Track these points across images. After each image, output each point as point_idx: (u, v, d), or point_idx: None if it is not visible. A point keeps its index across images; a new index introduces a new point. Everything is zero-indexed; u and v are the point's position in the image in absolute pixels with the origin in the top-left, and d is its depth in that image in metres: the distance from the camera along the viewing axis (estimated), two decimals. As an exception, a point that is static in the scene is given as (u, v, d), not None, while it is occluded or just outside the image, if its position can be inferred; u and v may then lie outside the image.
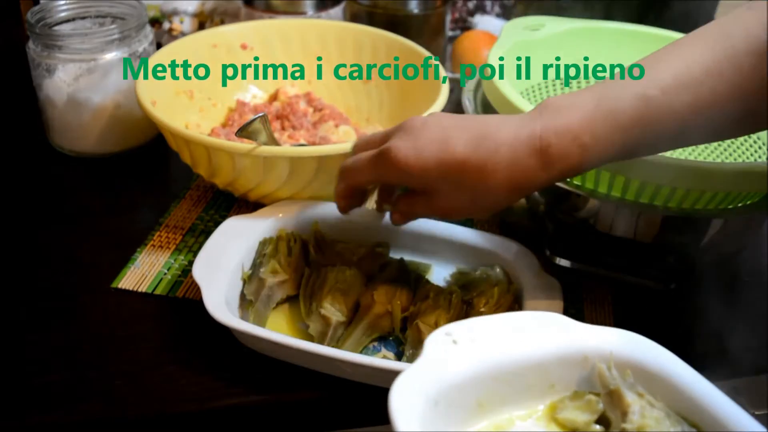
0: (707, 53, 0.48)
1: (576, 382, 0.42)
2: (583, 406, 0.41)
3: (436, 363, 0.38)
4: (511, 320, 0.42)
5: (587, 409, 0.41)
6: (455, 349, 0.39)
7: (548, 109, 0.50)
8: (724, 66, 0.47)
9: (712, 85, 0.47)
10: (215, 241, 0.61)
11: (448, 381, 0.38)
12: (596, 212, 0.61)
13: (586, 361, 0.42)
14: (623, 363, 0.42)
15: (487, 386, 0.40)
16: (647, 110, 0.48)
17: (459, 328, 0.40)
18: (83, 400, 0.53)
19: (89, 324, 0.59)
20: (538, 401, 0.41)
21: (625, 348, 0.42)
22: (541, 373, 0.41)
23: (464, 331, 0.40)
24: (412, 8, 0.96)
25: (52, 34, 0.76)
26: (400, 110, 0.80)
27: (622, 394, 0.41)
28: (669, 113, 0.48)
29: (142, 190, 0.77)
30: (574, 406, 0.42)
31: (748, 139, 0.73)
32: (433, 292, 0.59)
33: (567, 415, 0.41)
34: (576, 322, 0.43)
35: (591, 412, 0.41)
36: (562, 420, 0.41)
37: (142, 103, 0.68)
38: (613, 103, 0.49)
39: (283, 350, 0.54)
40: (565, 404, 0.42)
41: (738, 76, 0.47)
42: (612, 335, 0.43)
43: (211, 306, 0.54)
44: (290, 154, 0.62)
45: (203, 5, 1.02)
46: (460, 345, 0.40)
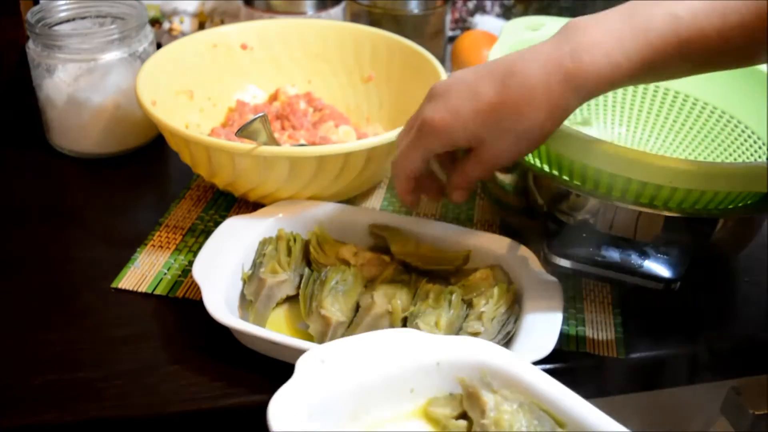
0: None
1: (434, 386, 0.47)
2: (449, 403, 0.47)
3: (307, 381, 0.43)
4: (373, 338, 0.47)
5: (450, 406, 0.47)
6: (324, 367, 0.44)
7: (575, 29, 0.50)
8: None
9: (739, 10, 0.47)
10: (215, 241, 0.61)
11: (318, 396, 0.43)
12: (596, 212, 0.61)
13: (438, 366, 0.47)
14: (474, 366, 0.47)
15: (354, 397, 0.45)
16: (677, 30, 0.48)
17: (326, 349, 0.45)
18: (83, 400, 0.53)
19: (89, 324, 0.59)
20: (402, 405, 0.47)
21: (471, 352, 0.47)
22: (401, 382, 0.46)
23: (331, 351, 0.45)
24: (412, 8, 0.96)
25: (52, 34, 0.76)
26: (400, 110, 0.80)
27: (479, 395, 0.45)
28: (699, 36, 0.48)
29: (142, 190, 0.77)
30: (443, 403, 0.47)
31: (748, 139, 0.73)
32: (433, 292, 0.59)
33: (434, 410, 0.46)
34: (429, 334, 0.48)
35: (452, 408, 0.46)
36: (431, 415, 0.47)
37: (142, 103, 0.68)
38: (644, 21, 0.48)
39: (283, 350, 0.54)
40: (438, 402, 0.47)
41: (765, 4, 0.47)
42: (458, 342, 0.48)
43: (211, 306, 0.54)
44: (290, 154, 0.62)
45: (203, 5, 1.02)
46: (328, 364, 0.44)
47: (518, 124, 0.51)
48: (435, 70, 0.75)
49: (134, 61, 0.78)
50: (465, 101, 0.52)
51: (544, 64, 0.50)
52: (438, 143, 0.54)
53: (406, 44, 0.80)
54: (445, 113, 0.52)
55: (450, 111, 0.52)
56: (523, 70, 0.50)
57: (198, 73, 0.80)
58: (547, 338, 0.54)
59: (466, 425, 0.46)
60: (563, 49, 0.49)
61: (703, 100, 0.76)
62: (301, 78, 0.85)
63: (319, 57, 0.85)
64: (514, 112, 0.51)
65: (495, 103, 0.51)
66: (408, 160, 0.56)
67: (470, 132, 0.52)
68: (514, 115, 0.51)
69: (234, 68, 0.83)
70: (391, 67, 0.82)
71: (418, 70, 0.78)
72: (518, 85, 0.50)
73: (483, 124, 0.52)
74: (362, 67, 0.84)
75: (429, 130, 0.53)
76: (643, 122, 0.80)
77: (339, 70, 0.85)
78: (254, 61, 0.84)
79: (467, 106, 0.52)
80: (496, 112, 0.51)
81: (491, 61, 0.54)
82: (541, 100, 0.50)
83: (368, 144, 0.63)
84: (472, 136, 0.53)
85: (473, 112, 0.51)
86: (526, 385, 0.46)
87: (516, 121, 0.51)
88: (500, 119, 0.51)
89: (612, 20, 0.49)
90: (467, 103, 0.52)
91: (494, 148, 0.53)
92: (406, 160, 0.56)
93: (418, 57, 0.79)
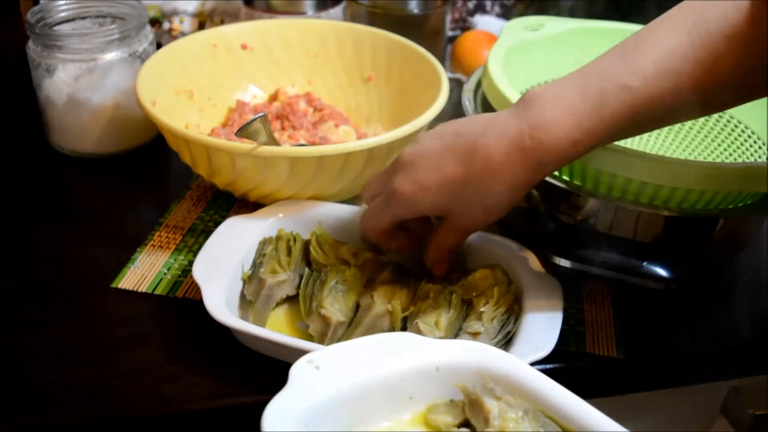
0: (684, 38, 0.48)
1: (433, 392, 0.46)
2: (450, 411, 0.45)
3: (301, 390, 0.42)
4: (369, 343, 0.46)
5: (451, 414, 0.45)
6: (318, 374, 0.43)
7: (533, 104, 0.51)
8: (701, 53, 0.48)
9: (691, 71, 0.48)
10: (215, 241, 0.61)
11: (313, 405, 0.42)
12: (596, 212, 0.61)
13: (438, 372, 0.45)
14: (475, 370, 0.46)
15: (351, 405, 0.43)
16: (632, 101, 0.49)
17: (320, 355, 0.44)
18: (83, 400, 0.53)
19: (89, 324, 0.59)
20: (401, 413, 0.45)
21: (472, 356, 0.46)
22: (399, 388, 0.45)
23: (326, 357, 0.44)
24: (412, 8, 0.96)
25: (52, 34, 0.76)
26: (400, 110, 0.80)
27: (482, 402, 0.44)
28: (652, 101, 0.49)
29: (142, 190, 0.77)
30: (443, 410, 0.45)
31: (748, 139, 0.73)
32: (433, 292, 0.59)
33: (434, 418, 0.45)
34: (427, 338, 0.47)
35: (454, 416, 0.45)
36: (431, 422, 0.45)
37: (142, 103, 0.68)
38: (598, 97, 0.49)
39: (283, 350, 0.54)
40: (439, 409, 0.46)
41: (715, 61, 0.48)
42: (458, 347, 0.47)
43: (211, 306, 0.54)
44: (290, 154, 0.62)
45: (203, 5, 1.02)
46: (322, 370, 0.43)
47: (485, 198, 0.53)
48: (435, 70, 0.75)
49: (134, 61, 0.78)
50: (431, 175, 0.53)
51: (506, 144, 0.51)
52: (407, 211, 0.55)
53: (406, 44, 0.80)
54: (413, 185, 0.54)
55: (417, 183, 0.53)
56: (485, 147, 0.51)
57: (198, 73, 0.80)
58: (547, 338, 0.54)
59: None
60: (522, 128, 0.50)
61: (703, 100, 0.76)
62: (301, 78, 0.85)
63: (319, 57, 0.85)
64: (480, 187, 0.52)
65: (459, 178, 0.52)
66: (377, 220, 0.58)
67: (438, 204, 0.54)
68: (480, 190, 0.52)
69: (234, 68, 0.83)
70: (391, 67, 0.82)
71: (418, 70, 0.78)
72: (481, 162, 0.51)
73: (450, 197, 0.53)
74: (362, 67, 0.84)
75: (398, 200, 0.55)
76: (643, 122, 0.80)
77: (339, 70, 0.85)
78: (254, 61, 0.84)
79: (433, 179, 0.53)
80: (461, 186, 0.52)
81: (457, 127, 0.55)
82: (503, 177, 0.51)
83: (368, 144, 0.63)
84: (439, 207, 0.55)
85: (439, 185, 0.53)
86: (529, 390, 0.45)
87: (482, 195, 0.53)
88: (466, 193, 0.53)
89: (568, 96, 0.50)
90: (433, 176, 0.53)
91: (464, 217, 0.55)
92: (376, 220, 0.58)
93: (418, 57, 0.79)
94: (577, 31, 0.77)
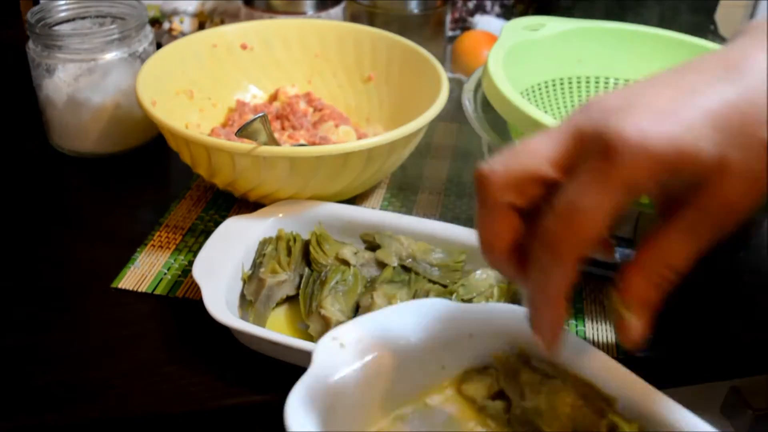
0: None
1: (467, 360, 0.42)
2: (484, 380, 0.42)
3: (326, 370, 0.39)
4: (394, 313, 0.42)
5: (485, 384, 0.42)
6: (343, 352, 0.39)
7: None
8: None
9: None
10: (215, 241, 0.61)
11: (339, 386, 0.39)
12: (596, 212, 0.61)
13: (471, 338, 0.42)
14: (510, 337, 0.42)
15: (379, 382, 0.40)
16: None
17: (344, 330, 0.40)
18: (83, 400, 0.53)
19: (89, 324, 0.59)
20: (433, 385, 0.42)
21: (509, 321, 0.42)
22: (430, 359, 0.41)
23: (350, 332, 0.40)
24: (412, 8, 0.96)
25: (52, 34, 0.76)
26: (400, 110, 0.80)
27: (518, 372, 0.41)
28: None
29: (142, 190, 0.77)
30: (477, 380, 0.42)
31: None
32: (433, 292, 0.59)
33: (468, 389, 0.42)
34: (459, 303, 0.43)
35: (488, 387, 0.42)
36: (464, 393, 0.42)
37: (142, 103, 0.68)
38: None
39: (283, 350, 0.54)
40: (472, 378, 0.42)
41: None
42: (494, 310, 0.43)
43: (211, 306, 0.54)
44: (290, 154, 0.62)
45: (203, 5, 1.02)
46: (348, 347, 0.39)
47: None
48: (435, 70, 0.75)
49: (134, 61, 0.78)
50: (684, 98, 0.32)
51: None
52: (649, 174, 0.32)
53: (406, 44, 0.80)
54: (657, 124, 0.31)
55: (664, 116, 0.32)
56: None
57: (198, 73, 0.80)
58: (547, 338, 0.54)
59: (503, 406, 0.41)
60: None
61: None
62: (301, 78, 0.85)
63: (319, 57, 0.85)
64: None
65: (733, 101, 0.32)
66: (585, 215, 0.32)
67: (703, 148, 0.32)
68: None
69: (234, 68, 0.83)
70: (391, 67, 0.82)
71: (418, 70, 0.78)
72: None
73: (723, 131, 0.32)
74: (362, 67, 0.84)
75: (631, 154, 0.31)
76: (643, 122, 0.80)
77: (339, 70, 0.85)
78: (254, 61, 0.84)
79: (693, 104, 0.32)
80: (740, 113, 0.32)
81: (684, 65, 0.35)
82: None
83: (368, 144, 0.63)
84: (706, 155, 0.32)
85: (707, 113, 0.32)
86: (567, 357, 0.40)
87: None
88: (748, 123, 0.32)
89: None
90: (689, 104, 0.32)
91: (742, 176, 0.33)
92: (583, 215, 0.32)
93: (418, 57, 0.79)
94: (577, 31, 0.77)
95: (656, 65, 0.78)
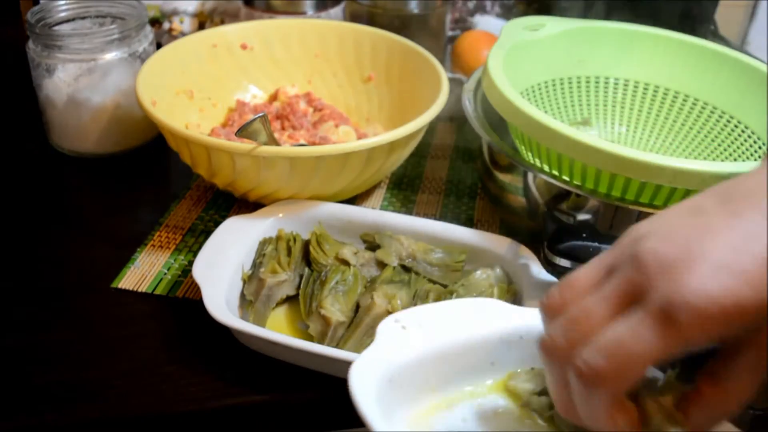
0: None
1: (515, 360, 0.45)
2: (531, 379, 0.45)
3: (388, 347, 0.42)
4: (454, 306, 0.46)
5: (532, 381, 0.45)
6: (404, 333, 0.43)
7: None
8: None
9: None
10: (215, 241, 0.61)
11: (399, 362, 0.42)
12: (596, 212, 0.61)
13: (521, 340, 0.45)
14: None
15: (434, 366, 0.43)
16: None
17: (407, 315, 0.44)
18: (83, 400, 0.53)
19: (89, 324, 0.59)
20: (481, 378, 0.45)
21: None
22: (482, 354, 0.45)
23: (412, 317, 0.44)
24: (412, 8, 0.96)
25: (52, 34, 0.76)
26: (400, 110, 0.80)
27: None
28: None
29: (142, 190, 0.77)
30: (524, 378, 0.45)
31: (748, 140, 0.73)
32: (433, 292, 0.59)
33: (515, 385, 0.45)
34: (512, 305, 0.46)
35: (535, 384, 0.45)
36: (511, 389, 0.45)
37: (142, 103, 0.68)
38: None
39: (283, 350, 0.54)
40: (520, 376, 0.45)
41: None
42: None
43: (211, 306, 0.54)
44: (290, 154, 0.62)
45: (203, 5, 1.02)
46: (409, 330, 0.43)
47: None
48: (435, 70, 0.75)
49: (134, 61, 0.78)
50: (744, 246, 0.31)
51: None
52: (709, 331, 0.31)
53: (406, 44, 0.80)
54: (718, 280, 0.31)
55: (724, 270, 0.31)
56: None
57: (198, 73, 0.80)
58: (547, 338, 0.54)
59: (548, 402, 0.43)
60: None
61: (703, 100, 0.76)
62: (301, 78, 0.85)
63: (319, 57, 0.85)
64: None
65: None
66: (632, 359, 0.32)
67: (763, 299, 0.31)
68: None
69: (234, 68, 0.83)
70: (391, 67, 0.82)
71: (418, 70, 0.78)
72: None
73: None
74: (362, 67, 0.84)
75: (688, 312, 0.31)
76: (644, 122, 0.80)
77: (339, 70, 0.85)
78: (254, 61, 0.84)
79: (752, 252, 0.31)
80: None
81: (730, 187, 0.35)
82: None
83: (368, 144, 0.63)
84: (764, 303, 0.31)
85: (760, 259, 0.31)
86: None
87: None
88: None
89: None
90: (749, 247, 0.31)
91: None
92: (629, 359, 0.32)
93: (418, 57, 0.79)
94: (577, 31, 0.77)
95: (656, 65, 0.78)
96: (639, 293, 0.33)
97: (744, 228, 0.32)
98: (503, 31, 0.75)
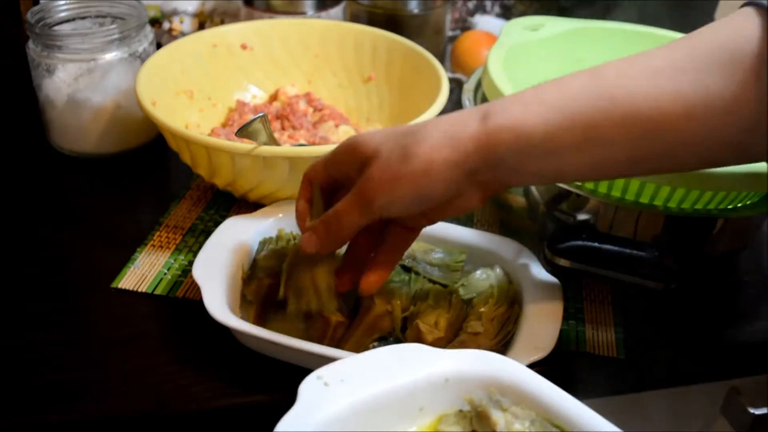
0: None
1: (443, 403, 0.46)
2: (460, 422, 0.45)
3: (310, 406, 0.42)
4: (377, 356, 0.45)
5: (460, 425, 0.45)
6: (327, 390, 0.43)
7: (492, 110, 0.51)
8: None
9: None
10: (215, 241, 0.61)
11: (322, 420, 0.42)
12: (596, 212, 0.61)
13: (447, 383, 0.45)
14: (483, 381, 0.45)
15: (361, 419, 0.43)
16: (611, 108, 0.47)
17: (329, 370, 0.44)
18: (83, 400, 0.53)
19: (89, 324, 0.59)
20: (411, 424, 0.45)
21: (480, 367, 0.46)
22: (409, 400, 0.45)
23: (334, 373, 0.44)
24: (412, 8, 0.96)
25: (52, 34, 0.76)
26: (400, 110, 0.80)
27: (488, 414, 0.44)
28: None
29: (142, 190, 0.77)
30: (453, 422, 0.45)
31: (748, 139, 0.73)
32: (433, 292, 0.59)
33: (444, 429, 0.45)
34: (436, 349, 0.46)
35: (463, 427, 0.45)
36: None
37: (142, 103, 0.68)
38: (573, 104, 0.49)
39: (283, 350, 0.54)
40: (449, 420, 0.46)
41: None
42: (467, 357, 0.46)
43: (211, 306, 0.54)
44: (290, 154, 0.62)
45: (203, 5, 1.02)
46: (331, 386, 0.43)
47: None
48: (435, 70, 0.75)
49: (134, 61, 0.78)
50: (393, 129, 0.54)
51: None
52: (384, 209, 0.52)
53: (406, 44, 0.80)
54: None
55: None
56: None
57: (198, 73, 0.80)
58: (547, 338, 0.54)
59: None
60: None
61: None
62: (301, 78, 0.85)
63: (319, 57, 0.85)
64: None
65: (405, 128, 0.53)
66: (347, 216, 0.53)
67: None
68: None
69: (234, 68, 0.83)
70: (391, 67, 0.82)
71: (418, 70, 0.78)
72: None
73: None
74: (362, 67, 0.84)
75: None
76: (643, 122, 0.80)
77: (339, 70, 0.85)
78: (254, 61, 0.84)
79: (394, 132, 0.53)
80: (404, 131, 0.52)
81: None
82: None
83: (368, 144, 0.63)
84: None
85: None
86: (537, 400, 0.44)
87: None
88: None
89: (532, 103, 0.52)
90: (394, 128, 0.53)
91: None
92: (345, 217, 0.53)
93: (418, 57, 0.79)
94: (577, 31, 0.77)
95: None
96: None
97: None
98: (503, 31, 0.75)
